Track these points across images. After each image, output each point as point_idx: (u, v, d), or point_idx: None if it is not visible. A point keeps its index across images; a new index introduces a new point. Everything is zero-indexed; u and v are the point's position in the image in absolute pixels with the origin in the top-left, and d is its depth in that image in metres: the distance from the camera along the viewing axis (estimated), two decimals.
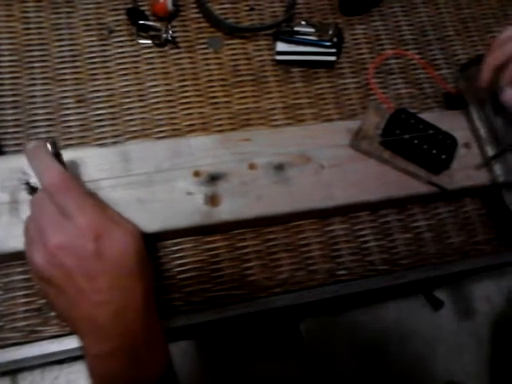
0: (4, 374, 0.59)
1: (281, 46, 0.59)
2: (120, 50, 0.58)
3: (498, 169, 0.53)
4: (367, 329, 0.77)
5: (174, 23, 0.60)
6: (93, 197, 0.41)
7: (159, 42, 0.59)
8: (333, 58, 0.59)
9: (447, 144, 0.52)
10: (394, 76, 0.62)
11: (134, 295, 0.39)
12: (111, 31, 0.59)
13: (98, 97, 0.56)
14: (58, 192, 0.38)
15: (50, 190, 0.38)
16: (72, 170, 0.47)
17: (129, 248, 0.39)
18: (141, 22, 0.58)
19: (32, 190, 0.44)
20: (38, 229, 0.38)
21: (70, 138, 0.53)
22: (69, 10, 0.59)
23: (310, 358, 0.73)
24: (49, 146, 0.40)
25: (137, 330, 0.39)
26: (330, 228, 0.54)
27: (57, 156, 0.41)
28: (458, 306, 0.82)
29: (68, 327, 0.47)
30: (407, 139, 0.51)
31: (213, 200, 0.49)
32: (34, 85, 0.55)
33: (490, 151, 0.54)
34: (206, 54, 0.60)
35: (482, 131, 0.54)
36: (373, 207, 0.55)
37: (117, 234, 0.39)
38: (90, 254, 0.37)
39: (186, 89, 0.58)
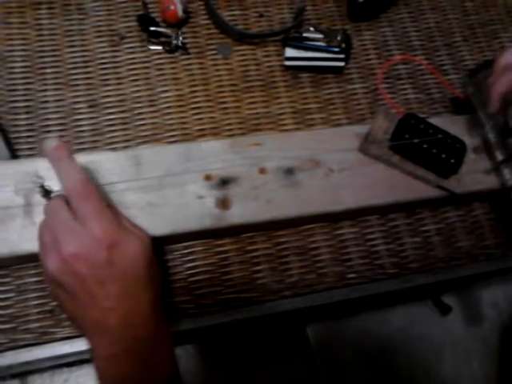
0: (14, 376, 0.59)
1: (290, 52, 0.59)
2: (131, 56, 0.59)
3: (507, 173, 0.53)
4: (375, 333, 0.77)
5: (185, 29, 0.61)
6: (108, 205, 0.41)
7: (170, 48, 0.59)
8: (341, 64, 0.60)
9: (456, 148, 0.53)
10: (402, 81, 0.63)
11: (142, 302, 0.40)
12: (122, 37, 0.60)
13: (109, 102, 0.56)
14: (80, 197, 0.39)
15: (71, 194, 0.39)
16: (94, 174, 0.48)
17: (139, 257, 0.40)
18: (152, 28, 0.59)
19: (46, 193, 0.44)
20: (53, 235, 0.39)
21: (82, 143, 0.54)
22: (81, 16, 0.60)
23: (317, 363, 0.73)
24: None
25: (144, 335, 0.40)
26: (340, 232, 0.55)
27: None
28: (466, 311, 0.82)
29: (77, 329, 0.47)
30: (416, 143, 0.52)
31: (223, 203, 0.50)
32: (46, 90, 0.56)
33: (499, 156, 0.54)
34: (216, 59, 0.60)
35: (491, 136, 0.55)
36: (382, 211, 0.55)
37: (129, 244, 0.39)
38: (103, 261, 0.38)
39: (196, 94, 0.58)
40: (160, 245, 0.50)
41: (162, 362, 0.41)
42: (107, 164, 0.49)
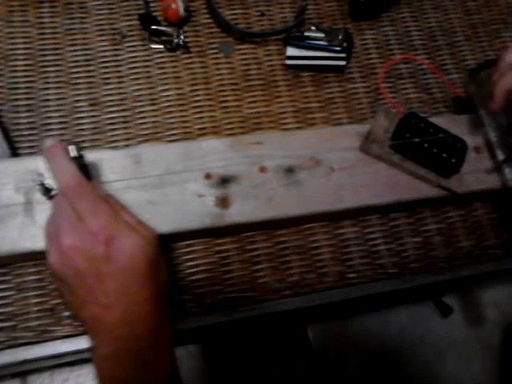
0: (14, 375, 0.59)
1: (291, 51, 0.59)
2: (132, 55, 0.59)
3: (508, 173, 0.53)
4: (376, 334, 0.77)
5: (186, 28, 0.61)
6: (107, 201, 0.41)
7: (171, 47, 0.59)
8: (343, 63, 0.60)
9: (457, 148, 0.52)
10: (403, 81, 0.62)
11: (141, 301, 0.39)
12: (124, 36, 0.60)
13: (110, 100, 0.56)
14: (72, 195, 0.39)
15: (64, 192, 0.39)
16: (94, 172, 0.48)
17: (138, 253, 0.39)
18: (153, 27, 0.59)
19: (47, 191, 0.45)
20: (56, 228, 0.39)
21: (83, 141, 0.54)
22: (82, 15, 0.60)
23: (318, 363, 0.73)
24: (69, 148, 0.41)
25: (142, 334, 0.39)
26: (341, 231, 0.54)
27: (78, 158, 0.42)
28: (467, 312, 0.81)
29: (81, 326, 0.47)
30: (417, 143, 0.51)
31: (224, 202, 0.50)
32: (48, 88, 0.56)
33: (501, 155, 0.54)
34: (217, 58, 0.60)
35: (492, 135, 0.55)
36: (383, 210, 0.55)
37: (128, 239, 0.39)
38: (100, 256, 0.38)
39: (197, 93, 0.58)
40: (161, 243, 0.50)
41: (162, 362, 0.41)
42: (108, 162, 0.49)
